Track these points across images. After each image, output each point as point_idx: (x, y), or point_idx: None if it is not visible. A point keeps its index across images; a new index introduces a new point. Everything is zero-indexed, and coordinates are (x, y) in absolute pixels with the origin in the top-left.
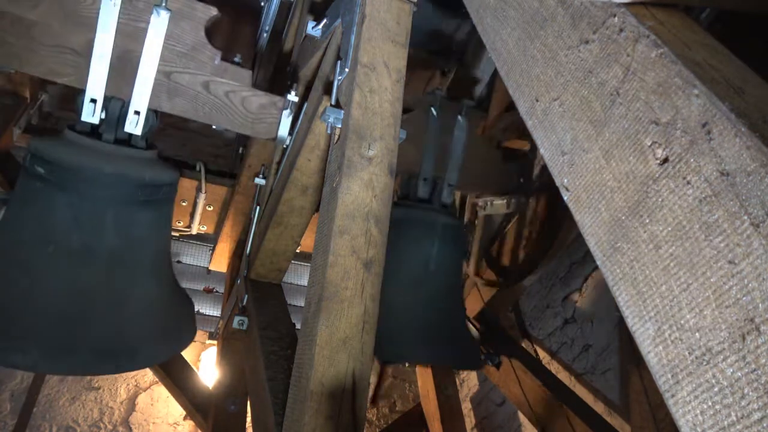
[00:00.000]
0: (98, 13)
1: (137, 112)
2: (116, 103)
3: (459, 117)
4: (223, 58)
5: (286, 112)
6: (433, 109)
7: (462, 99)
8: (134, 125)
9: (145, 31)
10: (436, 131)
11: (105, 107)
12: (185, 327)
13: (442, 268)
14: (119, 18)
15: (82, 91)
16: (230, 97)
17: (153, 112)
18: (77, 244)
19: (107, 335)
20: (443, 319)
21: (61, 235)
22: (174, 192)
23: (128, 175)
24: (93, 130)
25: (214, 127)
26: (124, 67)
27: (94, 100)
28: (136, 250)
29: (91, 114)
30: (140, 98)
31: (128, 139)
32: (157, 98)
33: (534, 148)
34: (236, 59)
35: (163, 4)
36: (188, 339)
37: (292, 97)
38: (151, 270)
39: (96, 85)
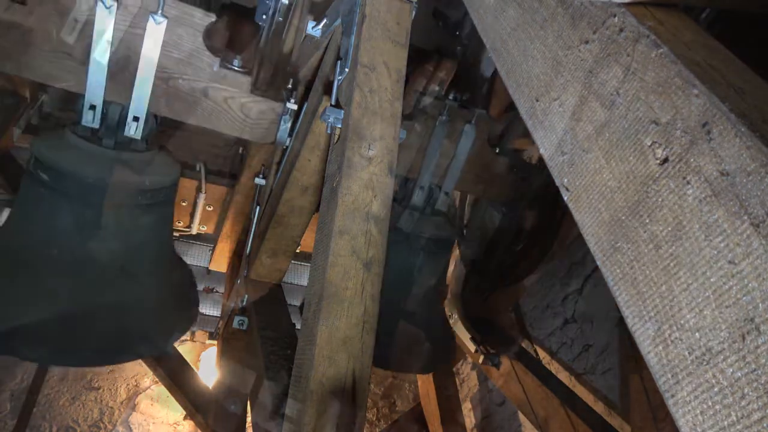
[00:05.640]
0: (94, 20)
1: (136, 118)
2: (116, 108)
3: (468, 126)
4: (223, 59)
5: (285, 118)
6: (441, 118)
7: (474, 108)
8: (133, 130)
9: (142, 37)
10: (441, 140)
11: (105, 112)
12: (185, 318)
13: (418, 278)
14: (116, 25)
15: (82, 95)
16: (229, 103)
17: (153, 115)
18: (80, 247)
19: (110, 331)
20: (410, 327)
21: (65, 238)
22: (174, 192)
23: (129, 182)
24: (94, 133)
25: None
26: (122, 73)
27: (93, 107)
28: (137, 251)
29: (91, 120)
30: (139, 104)
31: (129, 142)
32: (156, 103)
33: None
34: (236, 61)
35: (160, 12)
36: (188, 325)
37: (291, 105)
38: (152, 268)
39: (95, 91)
